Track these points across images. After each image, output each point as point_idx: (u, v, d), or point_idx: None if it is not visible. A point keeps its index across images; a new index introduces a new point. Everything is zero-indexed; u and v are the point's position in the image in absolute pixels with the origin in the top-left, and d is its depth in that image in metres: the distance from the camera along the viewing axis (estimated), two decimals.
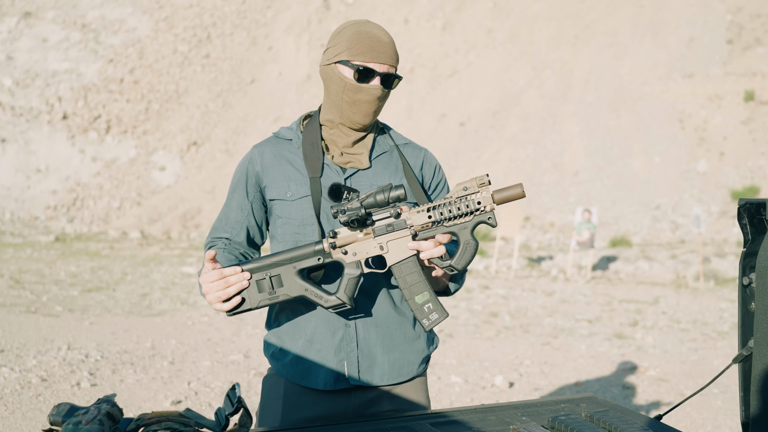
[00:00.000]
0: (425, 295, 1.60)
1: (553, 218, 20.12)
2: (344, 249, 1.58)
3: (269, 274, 1.56)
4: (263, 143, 1.81)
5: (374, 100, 1.69)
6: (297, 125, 1.82)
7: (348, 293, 1.58)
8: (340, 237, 1.57)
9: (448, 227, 1.56)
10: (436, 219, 1.55)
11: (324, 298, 1.58)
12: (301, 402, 1.74)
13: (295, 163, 1.76)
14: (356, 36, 1.69)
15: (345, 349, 1.71)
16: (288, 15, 30.73)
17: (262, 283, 1.57)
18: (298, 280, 1.57)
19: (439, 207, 1.55)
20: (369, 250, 1.58)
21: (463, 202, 1.54)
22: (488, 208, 1.54)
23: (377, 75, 1.67)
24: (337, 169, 1.75)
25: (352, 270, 1.58)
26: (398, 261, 1.59)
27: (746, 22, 25.83)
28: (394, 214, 1.56)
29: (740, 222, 1.59)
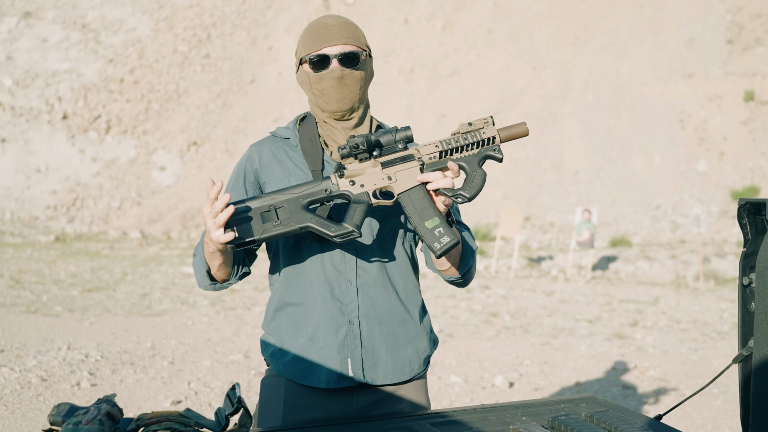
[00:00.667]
0: (435, 221, 1.57)
1: (553, 218, 20.12)
2: (351, 179, 1.57)
3: (274, 206, 1.53)
4: (261, 142, 1.81)
5: (337, 83, 1.67)
6: (293, 124, 1.82)
7: (356, 221, 1.55)
8: (349, 168, 1.56)
9: (456, 160, 1.57)
10: (443, 149, 1.56)
11: (331, 227, 1.54)
12: (303, 404, 1.71)
13: (294, 159, 1.75)
14: (306, 32, 1.72)
15: (349, 347, 1.69)
16: (288, 15, 30.73)
17: (266, 215, 1.53)
18: (304, 211, 1.54)
19: (446, 142, 1.57)
20: (377, 181, 1.57)
21: (471, 134, 1.57)
22: (494, 140, 1.57)
23: (332, 58, 1.67)
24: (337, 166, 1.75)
25: (361, 198, 1.56)
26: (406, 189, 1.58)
27: (746, 22, 25.83)
28: (402, 147, 1.57)
29: (740, 222, 1.59)
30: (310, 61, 1.68)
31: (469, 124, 1.57)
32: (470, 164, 1.58)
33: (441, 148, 1.57)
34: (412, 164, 1.57)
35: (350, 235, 1.53)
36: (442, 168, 1.58)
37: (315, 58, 1.68)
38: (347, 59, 1.68)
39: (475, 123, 1.57)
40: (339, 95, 1.69)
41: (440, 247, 1.56)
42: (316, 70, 1.68)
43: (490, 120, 1.57)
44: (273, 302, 1.79)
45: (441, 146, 1.57)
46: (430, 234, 1.56)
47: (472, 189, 1.57)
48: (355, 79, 1.70)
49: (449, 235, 1.56)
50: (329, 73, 1.67)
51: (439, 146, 1.57)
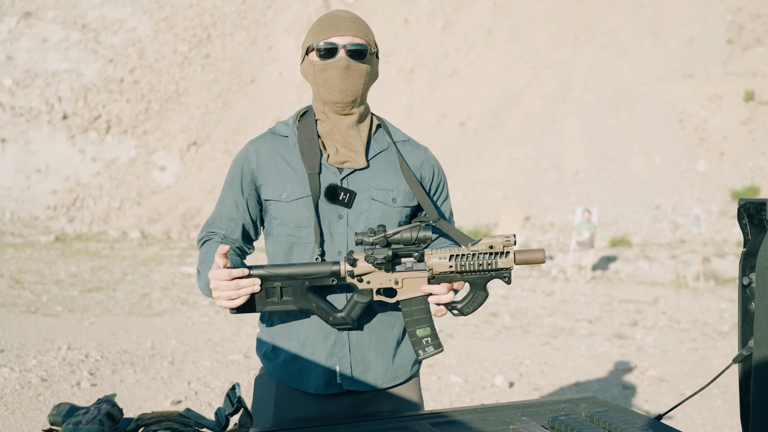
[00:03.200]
0: (427, 330, 1.64)
1: (553, 218, 20.11)
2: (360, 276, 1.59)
3: (281, 285, 1.57)
4: (259, 139, 1.79)
5: (342, 72, 1.66)
6: (293, 121, 1.79)
7: (354, 315, 1.61)
8: (359, 266, 1.57)
9: (465, 278, 1.60)
10: (456, 270, 1.58)
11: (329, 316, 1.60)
12: (293, 402, 1.72)
13: (290, 161, 1.73)
14: (317, 22, 1.73)
15: (337, 354, 1.70)
16: (288, 15, 30.72)
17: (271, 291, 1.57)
18: (308, 294, 1.59)
19: (462, 258, 1.58)
20: (383, 282, 1.60)
21: (486, 260, 1.58)
22: (508, 269, 1.60)
23: (341, 48, 1.67)
24: (334, 170, 1.72)
25: (363, 296, 1.60)
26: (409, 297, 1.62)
27: (746, 22, 25.82)
28: (418, 256, 1.58)
29: (740, 222, 1.59)
30: (318, 49, 1.68)
31: (491, 247, 1.58)
32: (476, 285, 1.62)
33: (455, 268, 1.59)
34: (421, 274, 1.60)
35: (346, 326, 1.62)
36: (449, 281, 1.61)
37: (323, 46, 1.67)
38: (355, 52, 1.67)
39: (496, 245, 1.57)
40: (343, 86, 1.67)
41: (424, 355, 1.65)
42: (323, 58, 1.68)
43: (512, 239, 1.57)
44: None
45: (455, 266, 1.58)
46: (419, 341, 1.65)
47: (470, 307, 1.64)
48: (361, 73, 1.68)
49: (435, 345, 1.66)
50: (336, 62, 1.66)
51: (453, 266, 1.58)
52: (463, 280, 1.60)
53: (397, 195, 1.74)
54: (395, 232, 1.55)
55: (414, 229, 1.56)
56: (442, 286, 1.60)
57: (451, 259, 1.58)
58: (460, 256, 1.58)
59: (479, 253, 1.58)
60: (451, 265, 1.58)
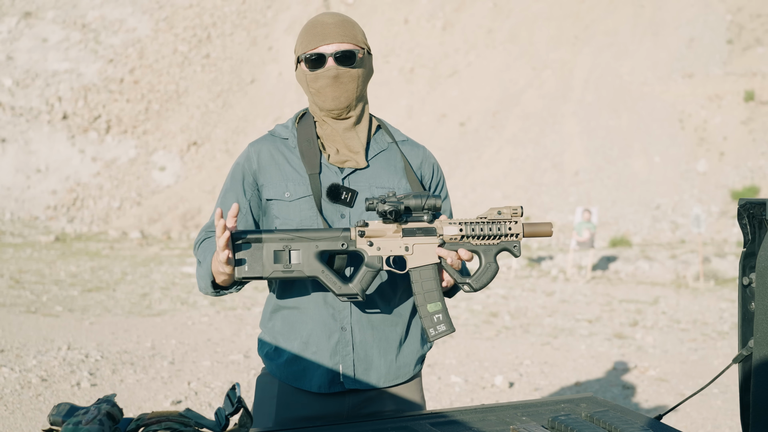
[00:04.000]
0: (438, 305, 1.61)
1: (553, 218, 20.11)
2: (370, 240, 1.57)
3: (289, 248, 1.53)
4: (259, 141, 1.79)
5: (333, 82, 1.67)
6: (292, 123, 1.79)
7: (363, 285, 1.56)
8: (371, 228, 1.56)
9: (475, 245, 1.59)
10: (466, 233, 1.58)
11: (338, 284, 1.55)
12: (295, 401, 1.72)
13: (292, 162, 1.74)
14: (303, 30, 1.72)
15: (340, 353, 1.70)
16: (288, 15, 30.72)
17: (279, 254, 1.52)
18: (317, 260, 1.54)
19: (471, 224, 1.58)
20: (394, 248, 1.58)
21: (495, 225, 1.58)
22: (516, 237, 1.59)
23: (328, 56, 1.66)
24: (335, 170, 1.72)
25: (373, 263, 1.57)
26: (420, 265, 1.60)
27: (746, 22, 25.83)
28: (429, 220, 1.57)
29: (740, 222, 1.59)
30: (306, 59, 1.68)
31: (499, 213, 1.58)
32: (487, 254, 1.60)
33: (464, 232, 1.58)
34: (432, 240, 1.59)
35: (354, 297, 1.56)
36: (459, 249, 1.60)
37: (311, 57, 1.67)
38: (343, 58, 1.67)
39: (504, 212, 1.58)
40: (335, 94, 1.68)
41: (434, 334, 1.61)
42: (312, 68, 1.68)
43: (519, 210, 1.58)
44: (270, 303, 1.79)
45: (465, 230, 1.58)
46: (429, 318, 1.60)
47: (481, 281, 1.61)
48: (352, 78, 1.68)
49: (446, 324, 1.61)
50: (325, 71, 1.67)
51: (463, 230, 1.58)
52: (473, 249, 1.59)
53: (398, 193, 1.75)
54: (405, 196, 1.56)
55: (423, 196, 1.57)
56: (453, 253, 1.59)
57: (461, 224, 1.59)
58: (469, 222, 1.59)
59: (489, 219, 1.59)
60: (461, 229, 1.58)
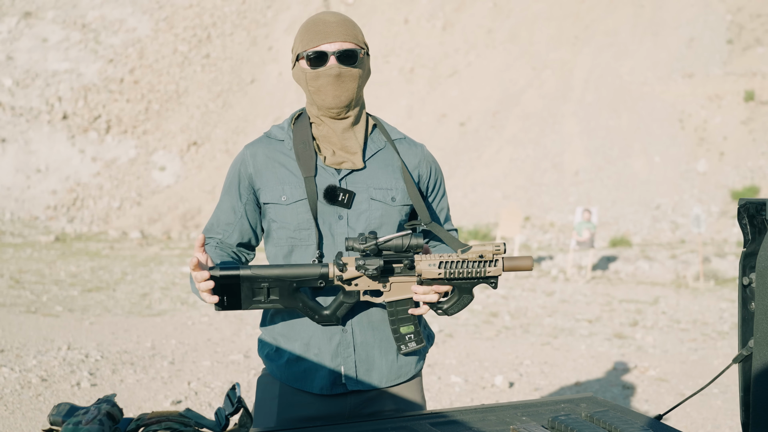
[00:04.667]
0: (410, 328, 1.66)
1: (553, 218, 20.11)
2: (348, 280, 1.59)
3: (268, 286, 1.56)
4: (255, 144, 1.78)
5: (334, 80, 1.66)
6: (288, 124, 1.78)
7: (339, 314, 1.61)
8: (349, 271, 1.57)
9: (453, 283, 1.61)
10: (445, 276, 1.59)
11: (315, 314, 1.60)
12: (297, 402, 1.72)
13: (288, 165, 1.73)
14: (304, 28, 1.71)
15: (342, 354, 1.70)
16: (288, 15, 30.72)
17: (258, 291, 1.56)
18: (295, 295, 1.58)
19: (451, 264, 1.58)
20: (371, 284, 1.60)
21: (475, 267, 1.59)
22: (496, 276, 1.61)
23: (330, 55, 1.65)
24: (332, 171, 1.71)
25: (350, 297, 1.60)
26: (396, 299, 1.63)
27: (746, 22, 25.82)
28: (408, 264, 1.58)
29: (740, 222, 1.59)
30: (308, 57, 1.67)
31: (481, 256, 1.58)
32: (463, 288, 1.63)
33: (443, 275, 1.59)
34: (410, 278, 1.61)
35: (333, 325, 1.63)
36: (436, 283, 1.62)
37: (312, 55, 1.66)
38: (345, 57, 1.66)
39: (485, 254, 1.58)
40: (336, 92, 1.67)
41: (405, 349, 1.67)
42: (313, 66, 1.67)
43: (502, 248, 1.58)
44: None
45: (444, 273, 1.58)
46: (401, 337, 1.66)
47: (455, 309, 1.65)
48: (353, 77, 1.68)
49: (417, 341, 1.67)
50: (327, 70, 1.66)
51: (442, 273, 1.58)
52: (451, 285, 1.61)
53: (396, 194, 1.74)
54: (386, 240, 1.55)
55: (405, 236, 1.56)
56: (429, 289, 1.60)
57: (441, 265, 1.58)
58: (449, 263, 1.58)
59: (469, 261, 1.59)
60: (440, 272, 1.58)
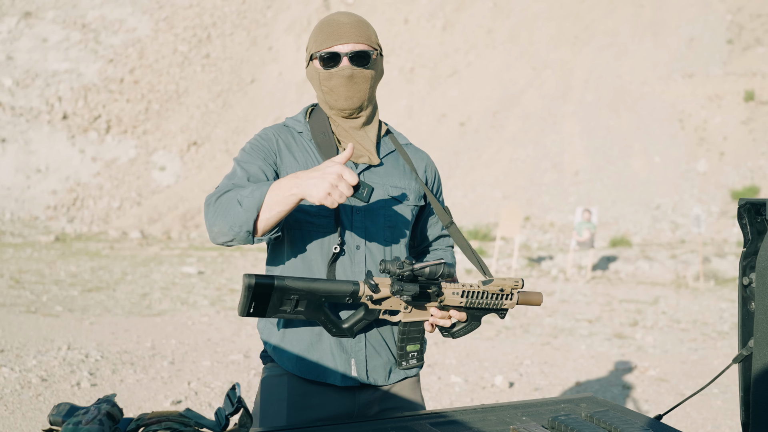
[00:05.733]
0: (416, 346, 1.71)
1: (553, 218, 20.11)
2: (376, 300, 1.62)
3: (298, 297, 1.56)
4: (276, 127, 1.77)
5: (347, 81, 1.67)
6: (303, 117, 1.80)
7: (356, 329, 1.64)
8: (382, 293, 1.59)
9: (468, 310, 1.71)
10: (466, 305, 1.68)
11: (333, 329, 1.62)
12: (307, 403, 1.72)
13: (308, 153, 1.73)
14: (318, 28, 1.71)
15: (353, 348, 1.71)
16: (288, 15, 30.72)
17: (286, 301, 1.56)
18: (321, 308, 1.60)
19: (473, 295, 1.67)
20: (394, 305, 1.63)
21: (493, 299, 1.69)
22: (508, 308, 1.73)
23: (343, 56, 1.66)
24: (351, 164, 1.72)
25: (370, 315, 1.63)
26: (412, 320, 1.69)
27: (746, 22, 25.83)
28: (437, 291, 1.64)
29: (740, 222, 1.59)
30: (321, 57, 1.68)
31: (501, 290, 1.69)
32: (474, 316, 1.73)
33: (464, 304, 1.67)
34: (431, 303, 1.67)
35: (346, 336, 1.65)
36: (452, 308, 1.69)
37: (326, 55, 1.67)
38: (358, 58, 1.67)
39: (506, 287, 1.69)
40: (348, 93, 1.68)
41: (405, 366, 1.72)
42: (326, 67, 1.68)
43: (521, 283, 1.69)
44: None
45: (465, 302, 1.67)
46: (405, 355, 1.71)
47: (462, 332, 1.74)
48: (365, 78, 1.69)
49: (418, 359, 1.73)
50: (339, 71, 1.67)
51: (463, 302, 1.67)
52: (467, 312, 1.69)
53: (409, 193, 1.79)
54: (422, 267, 1.58)
55: (440, 265, 1.60)
56: (445, 314, 1.67)
57: (464, 295, 1.66)
58: (471, 293, 1.67)
59: (489, 293, 1.68)
60: (462, 301, 1.66)
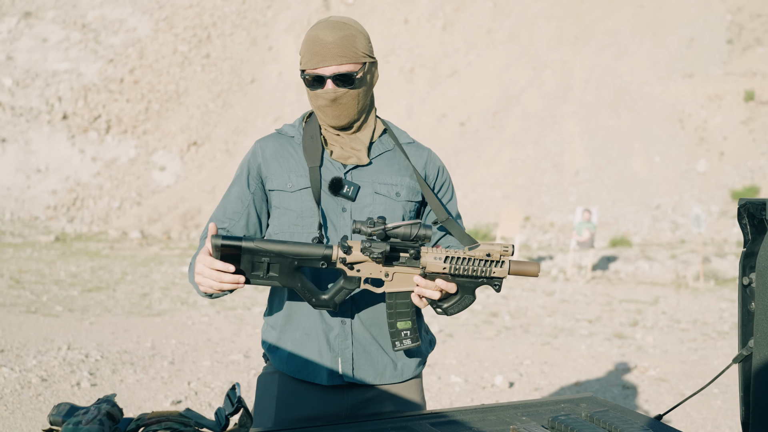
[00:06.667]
0: (407, 323, 1.62)
1: (553, 218, 20.11)
2: (351, 264, 1.56)
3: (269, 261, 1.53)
4: (266, 138, 1.83)
5: (332, 103, 1.68)
6: (299, 122, 1.83)
7: (337, 300, 1.58)
8: (353, 255, 1.54)
9: (456, 281, 1.57)
10: (450, 271, 1.55)
11: (312, 297, 1.57)
12: (295, 401, 1.74)
13: (296, 156, 1.77)
14: (304, 43, 1.72)
15: (340, 346, 1.72)
16: (288, 15, 30.72)
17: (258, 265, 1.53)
18: (295, 274, 1.55)
19: (457, 260, 1.55)
20: (374, 272, 1.57)
21: (481, 266, 1.55)
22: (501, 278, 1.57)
23: (327, 78, 1.67)
24: (339, 165, 1.75)
25: (350, 284, 1.57)
26: (396, 291, 1.60)
27: (746, 22, 25.82)
28: (414, 254, 1.56)
29: (740, 222, 1.59)
30: (305, 79, 1.70)
31: (488, 255, 1.55)
32: (466, 288, 1.59)
33: (448, 270, 1.55)
34: (413, 270, 1.57)
35: (328, 308, 1.58)
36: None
37: (309, 77, 1.69)
38: (342, 80, 1.67)
39: (493, 253, 1.55)
40: (335, 113, 1.71)
41: (399, 346, 1.63)
42: (312, 88, 1.70)
43: (510, 249, 1.55)
44: (272, 294, 1.83)
45: (449, 267, 1.55)
46: (397, 332, 1.62)
47: (455, 309, 1.60)
48: (351, 97, 1.70)
49: (413, 339, 1.63)
50: (324, 93, 1.68)
51: (446, 268, 1.55)
52: (455, 282, 1.58)
53: (400, 189, 1.77)
54: (395, 226, 1.52)
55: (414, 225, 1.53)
56: (431, 284, 1.57)
57: (447, 260, 1.55)
58: (455, 258, 1.55)
59: (475, 259, 1.55)
60: (445, 267, 1.55)
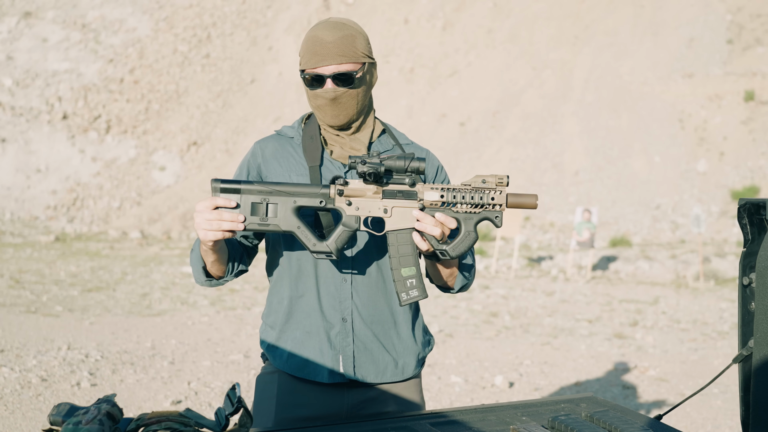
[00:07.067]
0: (412, 270, 1.58)
1: (553, 218, 20.11)
2: (349, 200, 1.56)
3: (267, 201, 1.53)
4: (265, 139, 1.84)
5: (331, 103, 1.69)
6: (299, 123, 1.84)
7: (338, 244, 1.56)
8: (350, 187, 1.55)
9: (455, 213, 1.56)
10: (447, 201, 1.55)
11: (313, 241, 1.55)
12: (295, 401, 1.74)
13: (296, 156, 1.78)
14: (304, 43, 1.73)
15: (341, 344, 1.72)
16: (288, 15, 30.72)
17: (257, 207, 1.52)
18: (294, 216, 1.54)
19: (453, 190, 1.54)
20: (372, 209, 1.56)
21: (478, 194, 1.54)
22: (499, 207, 1.54)
23: (326, 78, 1.68)
24: (338, 165, 1.76)
25: (351, 223, 1.56)
26: (397, 228, 1.57)
27: (746, 22, 25.82)
28: (410, 183, 1.55)
29: (740, 222, 1.59)
30: (305, 79, 1.71)
31: (483, 182, 1.54)
32: (467, 223, 1.56)
33: (446, 199, 1.55)
34: (411, 203, 1.56)
35: (328, 256, 1.55)
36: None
37: (309, 77, 1.69)
38: (342, 80, 1.68)
39: (488, 181, 1.54)
40: (334, 112, 1.71)
41: (406, 298, 1.59)
42: (311, 87, 1.71)
43: (505, 180, 1.54)
44: (271, 294, 1.82)
45: (446, 197, 1.54)
46: (402, 282, 1.58)
47: (458, 249, 1.57)
48: (351, 97, 1.70)
49: (419, 290, 1.58)
50: (323, 92, 1.69)
51: (444, 196, 1.55)
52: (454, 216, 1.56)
53: None
54: (389, 157, 1.53)
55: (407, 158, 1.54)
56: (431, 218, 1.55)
57: (444, 191, 1.55)
58: (451, 189, 1.55)
59: (473, 187, 1.55)
60: (443, 195, 1.55)
